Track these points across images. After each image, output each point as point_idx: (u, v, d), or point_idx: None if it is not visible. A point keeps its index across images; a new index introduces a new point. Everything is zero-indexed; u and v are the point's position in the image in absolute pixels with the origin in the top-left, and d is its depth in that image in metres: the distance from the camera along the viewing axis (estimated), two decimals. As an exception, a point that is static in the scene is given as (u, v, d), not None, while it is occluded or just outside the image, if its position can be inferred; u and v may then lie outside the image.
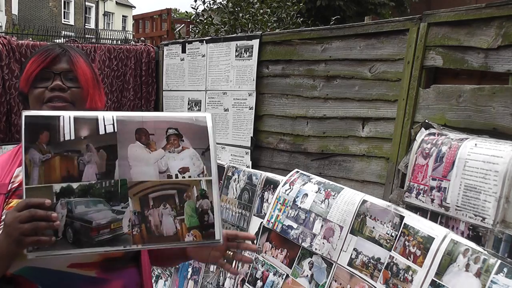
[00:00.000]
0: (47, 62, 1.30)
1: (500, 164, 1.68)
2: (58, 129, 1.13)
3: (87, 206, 1.11)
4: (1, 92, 3.24)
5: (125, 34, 22.69)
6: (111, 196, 1.13)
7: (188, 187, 1.19)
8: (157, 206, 1.16)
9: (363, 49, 2.52)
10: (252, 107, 3.11)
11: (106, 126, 1.17)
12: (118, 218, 1.13)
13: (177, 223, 1.16)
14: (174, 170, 1.19)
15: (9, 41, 3.32)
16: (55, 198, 1.09)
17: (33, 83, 1.30)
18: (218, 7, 6.35)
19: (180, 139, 1.22)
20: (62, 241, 1.08)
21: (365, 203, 1.90)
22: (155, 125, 1.21)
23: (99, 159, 1.14)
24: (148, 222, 1.14)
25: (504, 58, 1.94)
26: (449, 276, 1.55)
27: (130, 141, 1.17)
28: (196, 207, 1.19)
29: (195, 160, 1.21)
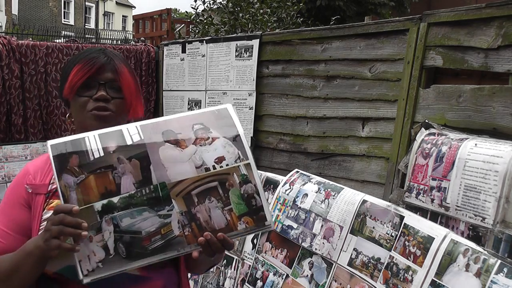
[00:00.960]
0: (93, 71, 1.29)
1: (500, 164, 1.68)
2: (86, 149, 1.13)
3: (132, 217, 1.10)
4: (1, 92, 3.24)
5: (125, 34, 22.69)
6: (154, 202, 1.11)
7: (228, 176, 1.15)
8: (202, 201, 1.13)
9: (363, 49, 2.52)
10: (252, 107, 3.11)
11: (132, 135, 1.16)
12: (166, 222, 1.10)
13: (226, 213, 1.13)
14: (210, 162, 1.16)
15: (9, 41, 3.32)
16: (98, 216, 1.08)
17: (78, 91, 1.29)
18: (218, 7, 6.35)
19: (208, 132, 1.19)
20: (116, 258, 1.07)
21: (365, 203, 1.90)
22: (179, 125, 1.19)
23: (133, 168, 1.13)
24: (197, 219, 1.12)
25: (504, 58, 1.94)
26: (449, 276, 1.55)
27: (160, 145, 1.16)
28: (241, 193, 1.15)
29: (228, 148, 1.18)
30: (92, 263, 1.07)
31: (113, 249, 1.07)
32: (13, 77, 3.29)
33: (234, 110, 1.23)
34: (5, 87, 3.26)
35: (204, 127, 1.20)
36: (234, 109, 1.24)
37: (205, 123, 1.20)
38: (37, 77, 3.43)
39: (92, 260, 1.07)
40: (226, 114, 1.22)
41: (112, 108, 1.30)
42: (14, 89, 3.30)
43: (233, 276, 2.40)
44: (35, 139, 3.44)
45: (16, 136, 3.35)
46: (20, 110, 3.34)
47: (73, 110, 1.33)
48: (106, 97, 1.28)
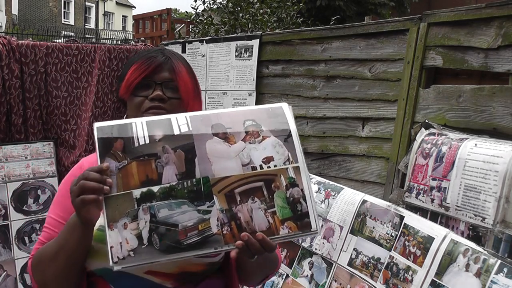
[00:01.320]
0: (149, 71, 1.27)
1: (500, 164, 1.68)
2: (132, 135, 1.11)
3: (171, 208, 1.06)
4: (1, 92, 3.24)
5: (125, 34, 22.69)
6: (194, 196, 1.07)
7: (275, 177, 1.10)
8: (245, 201, 1.08)
9: (363, 49, 2.52)
10: (252, 107, 3.11)
11: (180, 126, 1.13)
12: (205, 218, 1.06)
13: (269, 216, 1.07)
14: (258, 161, 1.11)
15: (9, 41, 3.32)
16: (136, 204, 1.05)
17: (134, 91, 1.28)
18: (218, 7, 6.35)
19: (260, 129, 1.14)
20: (149, 248, 1.03)
21: (365, 203, 1.90)
22: (231, 119, 1.15)
23: (177, 159, 1.09)
24: (238, 219, 1.06)
25: (504, 58, 1.94)
26: (449, 276, 1.55)
27: (207, 138, 1.12)
28: (286, 196, 1.09)
29: (278, 148, 1.13)
30: (124, 251, 1.03)
31: (146, 239, 1.04)
32: (13, 77, 3.29)
33: (289, 110, 1.18)
34: (5, 87, 3.26)
35: (255, 123, 1.15)
36: (290, 109, 1.19)
37: (257, 119, 1.15)
38: (37, 77, 3.43)
39: (123, 248, 1.03)
40: (280, 112, 1.18)
41: (168, 108, 1.26)
42: (14, 89, 3.30)
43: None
44: (35, 139, 3.44)
45: (16, 136, 3.35)
46: (20, 110, 3.34)
47: (129, 110, 1.31)
48: (162, 97, 1.26)
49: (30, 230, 3.33)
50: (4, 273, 3.18)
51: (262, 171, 1.11)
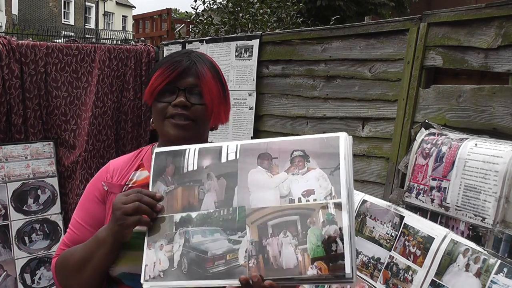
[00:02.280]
0: (173, 76, 1.25)
1: (500, 164, 1.68)
2: (183, 161, 1.15)
3: (204, 235, 1.08)
4: (1, 92, 3.24)
5: (125, 34, 22.70)
6: (228, 225, 1.07)
7: (312, 212, 1.03)
8: (277, 234, 1.03)
9: (363, 49, 2.51)
10: (252, 107, 3.11)
11: (229, 154, 1.14)
12: (235, 248, 1.05)
13: (299, 253, 1.01)
14: (297, 193, 1.06)
15: (9, 41, 3.32)
16: (174, 227, 1.09)
17: (157, 97, 1.27)
18: (218, 7, 6.36)
19: (306, 160, 1.10)
20: (177, 271, 1.07)
21: (365, 203, 1.90)
22: (279, 148, 1.12)
23: (218, 187, 1.11)
24: (266, 252, 1.03)
25: (504, 58, 1.94)
26: (449, 276, 1.55)
27: (252, 167, 1.11)
28: (321, 233, 1.01)
29: (321, 182, 1.07)
30: (155, 271, 1.08)
31: (177, 263, 1.07)
32: (13, 77, 3.29)
33: (348, 140, 1.13)
34: (5, 87, 3.26)
35: (303, 154, 1.11)
36: (349, 139, 1.13)
37: (306, 150, 1.11)
38: (37, 77, 3.43)
39: (156, 268, 1.08)
40: (335, 143, 1.14)
41: (191, 115, 1.26)
42: (14, 89, 3.30)
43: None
44: (35, 139, 3.44)
45: (16, 136, 3.35)
46: (20, 110, 3.34)
47: (154, 115, 1.31)
48: (185, 104, 1.24)
49: (30, 230, 3.33)
50: (4, 273, 3.19)
51: (299, 204, 1.05)
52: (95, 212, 1.31)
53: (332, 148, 1.13)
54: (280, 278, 1.01)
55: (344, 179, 1.10)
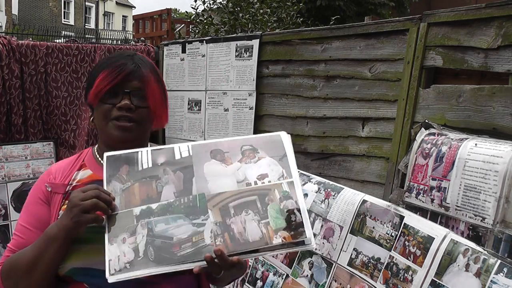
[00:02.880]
0: (119, 79, 1.27)
1: (500, 164, 1.68)
2: (137, 161, 1.20)
3: (167, 223, 1.12)
4: (1, 92, 3.24)
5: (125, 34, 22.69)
6: (190, 211, 1.13)
7: (269, 191, 1.15)
8: (239, 213, 1.12)
9: (363, 49, 2.52)
10: (252, 107, 3.11)
11: (182, 152, 1.21)
12: (199, 230, 1.10)
13: (262, 226, 1.11)
14: (252, 177, 1.17)
15: (9, 41, 3.32)
16: (135, 220, 1.12)
17: (102, 99, 1.28)
18: (218, 7, 6.35)
19: (256, 152, 1.21)
20: (143, 260, 1.08)
21: (365, 203, 1.90)
22: (229, 145, 1.23)
23: (176, 179, 1.16)
24: (231, 230, 1.10)
25: (504, 58, 1.94)
26: (449, 276, 1.55)
27: (206, 160, 1.19)
28: (280, 208, 1.12)
29: (273, 166, 1.19)
30: (121, 264, 1.09)
31: (142, 252, 1.09)
32: (13, 77, 3.29)
33: (287, 138, 1.24)
34: (5, 87, 3.26)
35: (252, 147, 1.22)
36: (288, 137, 1.25)
37: (254, 144, 1.23)
38: (37, 77, 3.43)
39: (121, 261, 1.09)
40: (278, 139, 1.25)
41: (135, 117, 1.28)
42: (14, 89, 3.30)
43: (233, 276, 2.40)
44: (35, 139, 3.44)
45: (16, 136, 3.35)
46: (20, 110, 3.34)
47: (97, 116, 1.32)
48: (129, 106, 1.27)
49: (30, 230, 3.32)
50: (4, 273, 3.18)
51: (256, 186, 1.16)
52: (40, 214, 1.31)
53: (276, 142, 1.24)
54: (248, 250, 1.08)
55: (292, 163, 1.20)
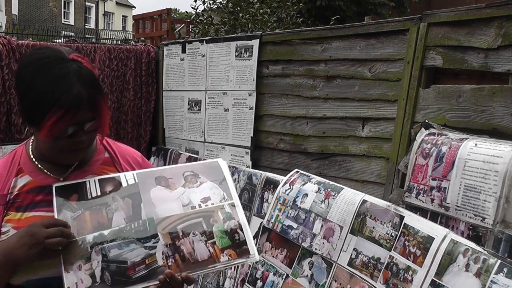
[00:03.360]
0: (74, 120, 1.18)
1: (500, 164, 1.68)
2: (86, 190, 1.25)
3: (120, 248, 1.18)
4: (1, 92, 3.24)
5: (125, 34, 22.70)
6: (141, 235, 1.20)
7: (212, 213, 1.26)
8: (187, 235, 1.21)
9: (363, 49, 2.51)
10: (252, 107, 3.11)
11: (128, 180, 1.29)
12: (151, 253, 1.18)
13: (209, 246, 1.21)
14: (196, 201, 1.27)
15: (9, 41, 3.32)
16: (89, 247, 1.17)
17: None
18: (218, 7, 6.35)
19: (197, 177, 1.31)
20: (101, 285, 1.14)
21: (365, 203, 1.90)
22: (171, 172, 1.32)
23: (125, 206, 1.23)
24: (181, 251, 1.19)
25: (504, 58, 1.94)
26: (449, 276, 1.55)
27: (151, 186, 1.28)
28: (224, 228, 1.24)
29: (214, 190, 1.30)
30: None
31: (99, 277, 1.14)
32: (13, 77, 3.29)
33: (224, 164, 1.36)
34: (5, 87, 3.26)
35: (194, 173, 1.33)
36: (225, 163, 1.36)
37: (195, 170, 1.33)
38: (37, 77, 3.43)
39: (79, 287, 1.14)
40: (216, 165, 1.36)
41: (86, 141, 1.25)
42: (14, 89, 3.30)
43: (233, 276, 2.40)
44: (35, 139, 3.43)
45: (16, 136, 3.35)
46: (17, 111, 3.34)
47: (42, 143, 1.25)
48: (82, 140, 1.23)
49: (30, 230, 3.32)
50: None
51: (200, 209, 1.26)
52: None
53: (215, 168, 1.35)
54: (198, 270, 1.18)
55: (232, 187, 1.31)
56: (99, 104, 1.22)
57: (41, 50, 1.24)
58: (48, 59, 1.19)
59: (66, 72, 1.17)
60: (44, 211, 1.27)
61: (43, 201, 1.28)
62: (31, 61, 1.21)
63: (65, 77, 1.17)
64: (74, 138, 1.21)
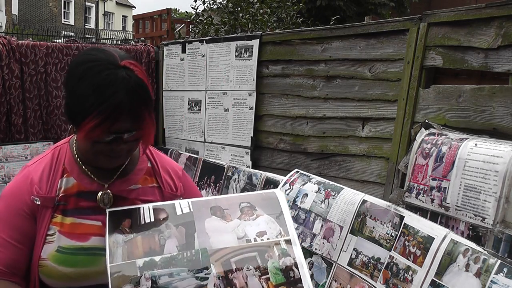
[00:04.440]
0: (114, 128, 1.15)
1: (500, 164, 1.68)
2: (139, 215, 1.23)
3: (171, 276, 1.13)
4: (1, 92, 3.24)
5: (125, 34, 22.70)
6: (193, 265, 1.15)
7: (268, 248, 1.20)
8: (240, 269, 1.16)
9: (363, 49, 2.51)
10: (252, 107, 3.11)
11: (183, 208, 1.25)
12: (203, 284, 1.13)
13: (263, 282, 1.15)
14: (252, 234, 1.22)
15: (9, 41, 3.32)
16: (138, 272, 1.13)
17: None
18: (218, 7, 6.35)
19: (254, 209, 1.27)
20: None
21: (365, 203, 1.90)
22: (227, 202, 1.28)
23: (178, 233, 1.20)
24: (234, 284, 1.14)
25: (504, 58, 1.94)
26: (449, 276, 1.55)
27: (206, 216, 1.24)
28: (279, 264, 1.18)
29: (270, 224, 1.24)
30: None
31: None
32: (13, 77, 3.29)
33: (282, 195, 1.30)
34: (5, 87, 3.26)
35: (250, 205, 1.28)
36: (283, 194, 1.31)
37: (251, 201, 1.28)
38: (37, 77, 3.43)
39: None
40: (274, 196, 1.30)
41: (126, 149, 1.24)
42: (14, 89, 3.30)
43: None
44: (35, 139, 3.44)
45: (16, 136, 3.35)
46: (20, 110, 3.34)
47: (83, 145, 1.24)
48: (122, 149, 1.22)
49: (30, 230, 3.32)
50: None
51: (255, 243, 1.21)
52: (25, 229, 1.25)
53: (272, 199, 1.29)
54: None
55: (289, 221, 1.26)
56: (141, 116, 1.18)
57: (94, 51, 1.21)
58: (98, 63, 1.16)
59: (113, 79, 1.13)
60: (91, 219, 1.28)
61: (89, 208, 1.28)
62: (81, 61, 1.19)
63: (111, 85, 1.13)
64: (112, 145, 1.20)
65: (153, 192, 1.37)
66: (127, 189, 1.33)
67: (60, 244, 1.24)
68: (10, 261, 1.22)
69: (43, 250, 1.24)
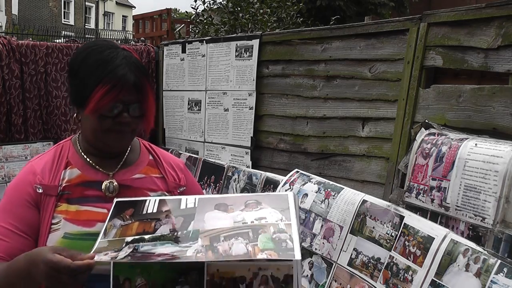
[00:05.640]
0: (121, 96, 1.23)
1: (500, 164, 1.68)
2: (143, 206, 1.23)
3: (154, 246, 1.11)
4: (1, 92, 3.24)
5: (125, 34, 22.70)
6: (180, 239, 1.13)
7: (264, 227, 1.12)
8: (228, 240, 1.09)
9: (363, 49, 2.51)
10: (252, 107, 3.11)
11: (188, 203, 1.24)
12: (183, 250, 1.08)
13: (249, 246, 1.06)
14: (250, 219, 1.16)
15: (9, 41, 3.32)
16: (124, 244, 1.12)
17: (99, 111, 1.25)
18: (218, 7, 6.35)
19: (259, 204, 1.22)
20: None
21: (365, 203, 1.90)
22: (234, 200, 1.25)
23: (176, 222, 1.19)
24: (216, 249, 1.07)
25: (504, 58, 1.94)
26: (449, 276, 1.55)
27: (208, 210, 1.21)
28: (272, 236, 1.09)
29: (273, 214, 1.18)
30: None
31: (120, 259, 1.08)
32: (13, 77, 3.29)
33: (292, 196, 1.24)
34: (5, 87, 3.26)
35: (256, 202, 1.24)
36: (296, 196, 1.25)
37: (259, 199, 1.25)
38: (37, 77, 3.43)
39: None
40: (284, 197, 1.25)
41: (132, 127, 1.29)
42: (14, 89, 3.30)
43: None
44: (35, 139, 3.44)
45: (16, 136, 3.35)
46: (20, 110, 3.34)
47: (90, 124, 1.28)
48: (128, 120, 1.26)
49: (30, 230, 3.32)
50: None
51: (251, 224, 1.15)
52: (29, 218, 1.26)
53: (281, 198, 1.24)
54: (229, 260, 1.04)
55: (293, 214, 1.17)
56: (145, 88, 1.27)
57: (95, 41, 1.34)
58: (100, 45, 1.28)
59: (115, 56, 1.25)
60: (97, 206, 1.30)
61: (94, 196, 1.31)
62: (83, 48, 1.30)
63: (114, 60, 1.24)
64: (119, 119, 1.24)
65: (158, 182, 1.40)
66: (131, 178, 1.36)
67: (66, 231, 1.25)
68: (15, 250, 1.22)
69: (49, 239, 1.25)
